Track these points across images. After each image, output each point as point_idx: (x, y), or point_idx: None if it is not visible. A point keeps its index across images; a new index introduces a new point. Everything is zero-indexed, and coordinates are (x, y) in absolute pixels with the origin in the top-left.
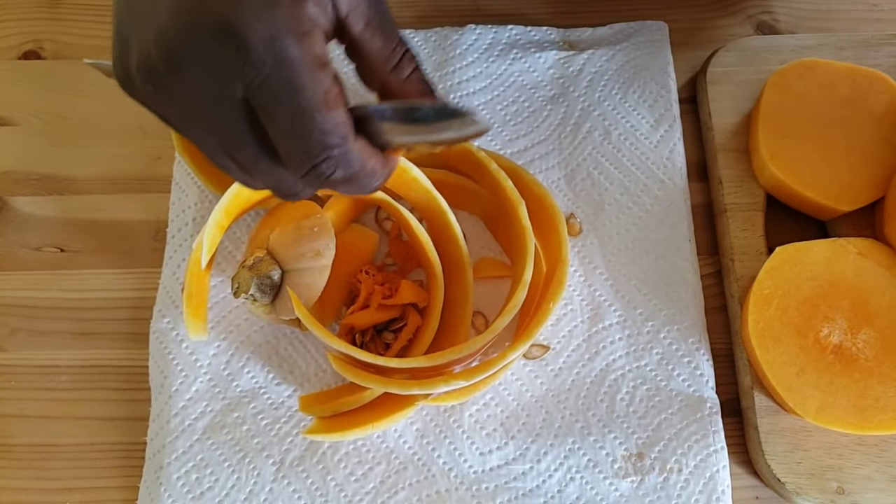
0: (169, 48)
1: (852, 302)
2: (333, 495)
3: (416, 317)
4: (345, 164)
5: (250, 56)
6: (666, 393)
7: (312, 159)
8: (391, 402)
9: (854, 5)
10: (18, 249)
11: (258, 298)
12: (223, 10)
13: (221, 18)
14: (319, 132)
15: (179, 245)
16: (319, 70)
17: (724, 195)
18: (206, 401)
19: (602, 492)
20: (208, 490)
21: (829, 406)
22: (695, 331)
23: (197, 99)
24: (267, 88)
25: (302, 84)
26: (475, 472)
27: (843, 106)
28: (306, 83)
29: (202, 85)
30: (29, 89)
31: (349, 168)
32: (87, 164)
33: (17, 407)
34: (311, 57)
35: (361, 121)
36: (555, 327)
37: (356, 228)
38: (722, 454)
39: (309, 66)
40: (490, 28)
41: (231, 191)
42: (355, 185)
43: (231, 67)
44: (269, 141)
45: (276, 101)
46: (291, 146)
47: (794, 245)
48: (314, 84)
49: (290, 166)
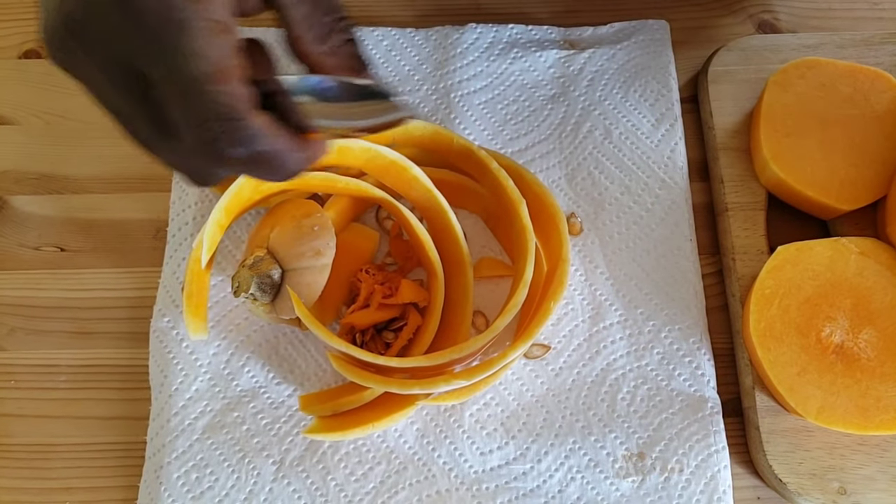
0: (69, 12)
1: (854, 301)
2: (333, 495)
3: (417, 316)
4: (245, 141)
5: (142, 19)
6: (667, 393)
7: (206, 133)
8: (391, 402)
9: (855, 4)
10: (18, 248)
11: (258, 298)
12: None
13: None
14: (212, 103)
15: (179, 244)
16: (216, 35)
17: (725, 194)
18: (206, 400)
19: (603, 492)
20: (208, 490)
21: (831, 406)
22: (696, 330)
23: (99, 69)
24: (158, 55)
25: (193, 49)
26: (476, 472)
27: (844, 105)
28: (199, 49)
29: (102, 53)
30: (29, 88)
31: (251, 145)
32: (86, 163)
33: (15, 406)
34: (207, 21)
35: (272, 95)
36: (555, 327)
37: (356, 227)
38: (723, 454)
39: (204, 31)
40: (491, 27)
41: (231, 189)
42: (267, 168)
43: (124, 31)
44: (166, 117)
45: (168, 68)
46: (185, 118)
47: (795, 244)
48: (208, 50)
49: (187, 143)
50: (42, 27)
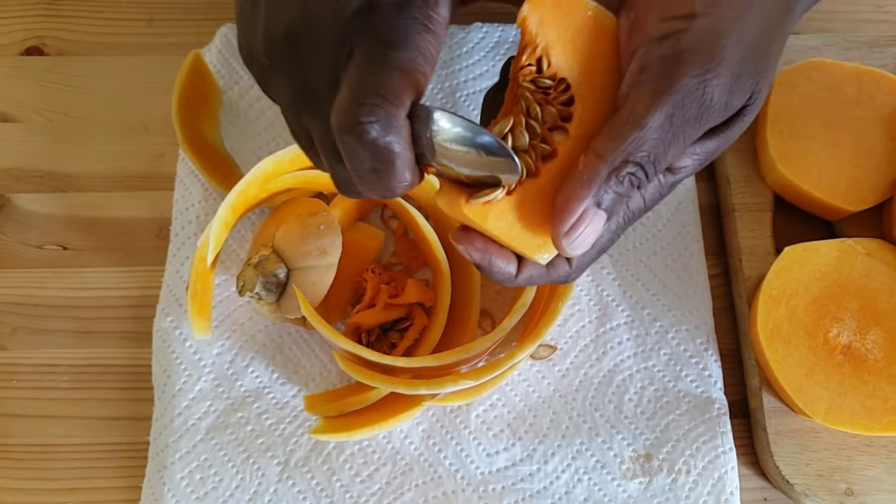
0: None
1: (861, 302)
2: (339, 496)
3: (423, 316)
4: (383, 127)
5: None
6: (674, 394)
7: (363, 97)
8: (397, 403)
9: (860, 6)
10: (20, 247)
11: (263, 297)
12: None
13: None
14: (382, 82)
15: (183, 243)
16: (422, 33)
17: (731, 195)
18: (209, 400)
19: (610, 493)
20: (212, 490)
21: (839, 407)
22: (703, 331)
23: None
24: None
25: (398, 39)
26: (482, 473)
27: (850, 106)
28: (403, 40)
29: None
30: (31, 86)
31: (384, 133)
32: (89, 161)
33: (17, 406)
34: (423, 21)
35: (416, 120)
36: (562, 327)
37: (362, 227)
38: (730, 455)
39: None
40: (497, 27)
41: (238, 188)
42: (378, 173)
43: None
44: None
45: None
46: (352, 80)
47: (802, 245)
48: (410, 42)
49: (338, 103)
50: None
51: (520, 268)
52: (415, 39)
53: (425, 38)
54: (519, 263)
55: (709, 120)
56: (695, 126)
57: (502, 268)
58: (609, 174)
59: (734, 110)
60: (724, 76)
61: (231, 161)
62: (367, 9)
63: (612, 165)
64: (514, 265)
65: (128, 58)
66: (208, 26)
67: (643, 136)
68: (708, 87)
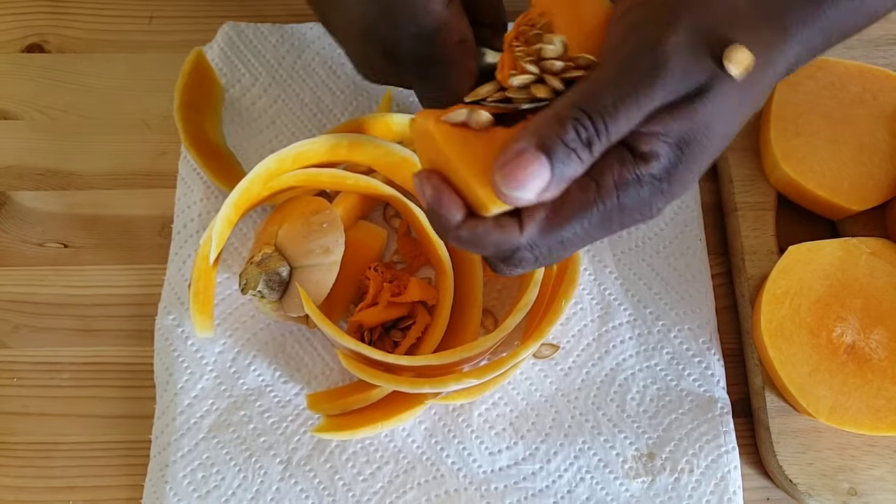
0: (383, 38)
1: (865, 302)
2: (341, 495)
3: (425, 315)
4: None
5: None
6: (676, 393)
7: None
8: (400, 401)
9: None
10: (21, 245)
11: (266, 295)
12: None
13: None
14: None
15: (185, 241)
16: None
17: (734, 194)
18: (211, 398)
19: (613, 492)
20: (214, 489)
21: (842, 406)
22: (706, 330)
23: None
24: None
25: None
26: (484, 471)
27: (853, 105)
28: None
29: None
30: (32, 83)
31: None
32: (91, 159)
33: (19, 404)
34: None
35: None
36: (564, 326)
37: (364, 225)
38: (733, 455)
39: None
40: None
41: (241, 185)
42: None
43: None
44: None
45: None
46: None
47: (806, 244)
48: (447, 24)
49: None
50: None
51: (466, 219)
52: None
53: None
54: (468, 218)
55: (663, 81)
56: (646, 83)
57: (449, 212)
58: (553, 117)
59: (692, 82)
60: (680, 38)
61: (233, 159)
62: None
63: (559, 112)
64: (461, 214)
65: (129, 55)
66: (210, 23)
67: (592, 87)
68: (660, 46)
